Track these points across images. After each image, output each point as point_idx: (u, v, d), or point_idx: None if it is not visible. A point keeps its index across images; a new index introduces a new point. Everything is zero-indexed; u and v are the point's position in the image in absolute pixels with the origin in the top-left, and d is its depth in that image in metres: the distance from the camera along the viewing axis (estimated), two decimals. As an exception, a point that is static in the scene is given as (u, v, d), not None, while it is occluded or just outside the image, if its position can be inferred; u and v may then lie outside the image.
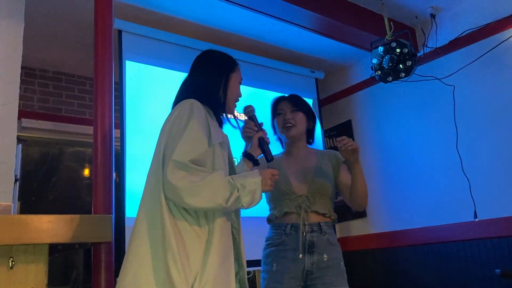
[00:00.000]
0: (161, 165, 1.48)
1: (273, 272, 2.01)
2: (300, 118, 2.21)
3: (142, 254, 1.41)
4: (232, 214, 1.62)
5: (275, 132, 2.28)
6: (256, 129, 1.88)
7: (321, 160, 2.21)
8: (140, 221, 1.47)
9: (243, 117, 1.99)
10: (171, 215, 1.44)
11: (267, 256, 2.05)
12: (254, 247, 2.33)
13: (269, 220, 2.17)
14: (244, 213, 1.73)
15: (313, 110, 2.37)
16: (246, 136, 1.92)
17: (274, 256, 2.04)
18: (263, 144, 1.84)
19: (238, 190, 1.46)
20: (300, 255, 2.00)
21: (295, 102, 2.26)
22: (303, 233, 2.02)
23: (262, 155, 1.86)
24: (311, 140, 2.32)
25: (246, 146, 1.94)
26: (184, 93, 1.70)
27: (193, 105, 1.56)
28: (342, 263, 2.11)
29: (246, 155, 1.84)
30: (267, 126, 2.14)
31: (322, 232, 2.05)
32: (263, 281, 2.05)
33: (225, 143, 1.66)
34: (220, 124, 1.72)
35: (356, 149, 2.00)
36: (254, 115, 1.92)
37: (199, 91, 1.67)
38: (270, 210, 2.18)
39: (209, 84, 1.70)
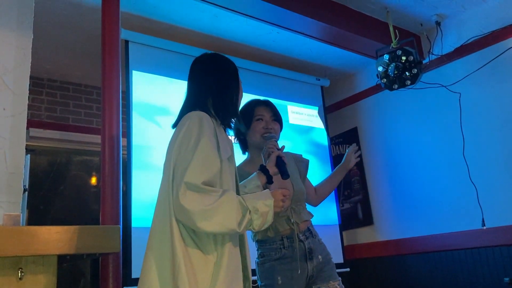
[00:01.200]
0: (171, 185, 1.45)
1: (280, 286, 2.00)
2: (277, 129, 2.20)
3: (151, 277, 1.43)
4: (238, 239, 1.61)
5: (239, 134, 2.22)
6: (278, 147, 1.94)
7: (295, 166, 2.25)
8: (150, 244, 1.47)
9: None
10: (180, 238, 1.42)
11: (268, 271, 2.03)
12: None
13: (260, 240, 2.12)
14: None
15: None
16: (267, 153, 1.96)
17: (277, 270, 2.02)
18: (281, 163, 1.87)
19: (250, 213, 1.44)
20: (306, 262, 2.04)
21: (275, 111, 2.24)
22: (300, 243, 2.06)
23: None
24: None
25: (264, 161, 1.98)
26: (192, 103, 1.64)
27: (202, 120, 1.51)
28: (331, 256, 2.17)
29: (263, 168, 1.83)
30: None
31: (313, 235, 2.12)
32: None
33: (232, 156, 1.64)
34: (226, 128, 1.70)
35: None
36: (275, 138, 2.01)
37: (211, 101, 1.62)
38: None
39: (224, 92, 1.65)
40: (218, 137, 1.53)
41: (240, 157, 2.18)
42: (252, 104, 2.23)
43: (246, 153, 2.25)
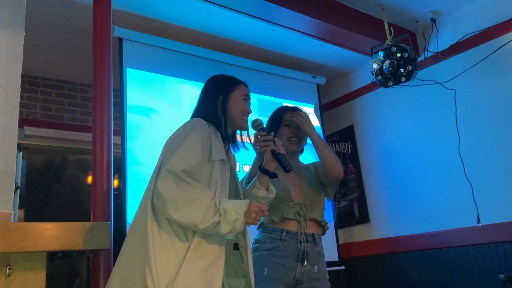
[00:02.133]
0: (155, 174, 1.53)
1: (264, 277, 2.00)
2: (304, 135, 2.25)
3: (124, 261, 1.51)
4: (239, 234, 1.64)
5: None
6: (268, 142, 1.86)
7: (309, 171, 2.28)
8: (130, 227, 1.57)
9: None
10: (155, 223, 1.51)
11: (257, 260, 2.02)
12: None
13: (262, 223, 2.15)
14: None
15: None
16: (261, 152, 1.91)
17: (265, 261, 2.03)
18: (278, 156, 1.81)
19: (220, 215, 1.48)
20: (297, 263, 2.02)
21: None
22: (300, 242, 2.04)
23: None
24: (300, 153, 2.38)
25: (256, 160, 2.02)
26: (193, 114, 1.81)
27: (196, 123, 1.64)
28: (327, 276, 2.15)
29: (261, 169, 1.83)
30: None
31: (315, 243, 2.10)
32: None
33: (228, 161, 1.69)
34: (229, 142, 1.80)
35: (302, 122, 2.17)
36: (264, 128, 1.92)
37: (201, 112, 1.76)
38: None
39: (209, 104, 1.78)
40: (212, 140, 1.63)
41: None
42: (281, 110, 2.32)
43: None
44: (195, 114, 1.77)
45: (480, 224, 3.16)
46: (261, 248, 2.06)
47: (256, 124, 1.93)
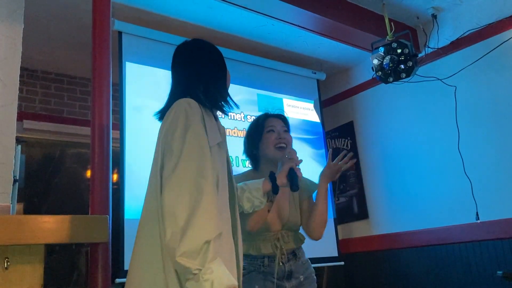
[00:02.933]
0: (159, 180, 1.39)
1: None
2: (289, 141, 2.12)
3: (138, 274, 1.38)
4: (233, 216, 1.57)
5: (251, 148, 2.13)
6: (297, 160, 1.85)
7: (293, 195, 2.14)
8: (140, 233, 1.42)
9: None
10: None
11: (247, 280, 1.98)
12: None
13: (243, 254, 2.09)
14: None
15: None
16: (284, 155, 1.91)
17: (255, 279, 1.99)
18: (293, 175, 1.78)
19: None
20: (284, 282, 2.01)
21: (287, 122, 2.18)
22: (280, 263, 1.99)
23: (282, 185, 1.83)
24: None
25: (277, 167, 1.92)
26: (180, 91, 1.57)
27: (189, 105, 1.45)
28: (314, 274, 2.12)
29: (271, 176, 1.78)
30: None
31: (296, 257, 2.05)
32: None
33: (223, 143, 1.59)
34: (217, 116, 1.64)
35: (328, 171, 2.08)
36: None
37: (199, 87, 1.56)
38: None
39: (214, 78, 1.60)
40: (206, 124, 1.47)
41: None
42: (262, 117, 2.17)
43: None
44: (188, 90, 1.56)
45: (479, 221, 3.17)
46: (250, 271, 2.02)
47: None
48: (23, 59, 2.16)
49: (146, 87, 3.20)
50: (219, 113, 1.66)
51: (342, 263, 3.89)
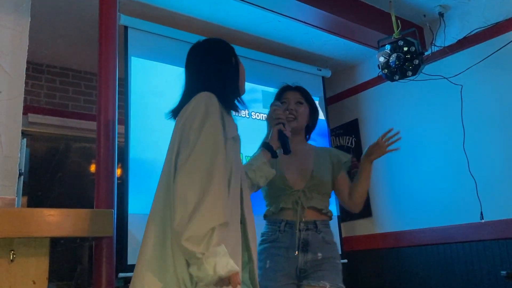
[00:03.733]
0: (173, 168, 1.44)
1: (266, 269, 1.99)
2: (302, 112, 2.14)
3: (149, 261, 1.40)
4: (244, 209, 1.59)
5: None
6: (284, 117, 1.90)
7: (319, 156, 2.17)
8: (151, 223, 1.45)
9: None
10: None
11: (261, 253, 2.02)
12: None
13: (265, 215, 2.13)
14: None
15: (317, 108, 2.30)
16: (272, 120, 1.92)
17: (267, 253, 2.01)
18: (283, 136, 1.85)
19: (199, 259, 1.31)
20: (296, 252, 1.96)
21: (302, 94, 2.20)
22: (298, 230, 1.97)
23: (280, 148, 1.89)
24: (307, 137, 2.26)
25: (268, 134, 1.96)
26: (196, 89, 1.60)
27: (208, 103, 1.50)
28: (338, 261, 2.04)
29: (266, 145, 1.84)
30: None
31: (317, 230, 2.01)
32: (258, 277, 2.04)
33: (238, 137, 1.65)
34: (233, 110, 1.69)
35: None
36: (279, 103, 1.96)
37: (217, 85, 1.61)
38: (266, 206, 2.16)
39: (228, 73, 1.67)
40: (224, 117, 1.54)
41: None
42: (280, 90, 2.25)
43: None
44: (206, 85, 1.60)
45: (483, 220, 3.16)
46: (265, 241, 2.05)
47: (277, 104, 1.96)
48: (29, 52, 2.16)
49: (151, 82, 3.20)
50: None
51: (345, 260, 3.89)
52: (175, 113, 1.65)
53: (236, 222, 1.52)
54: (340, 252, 3.83)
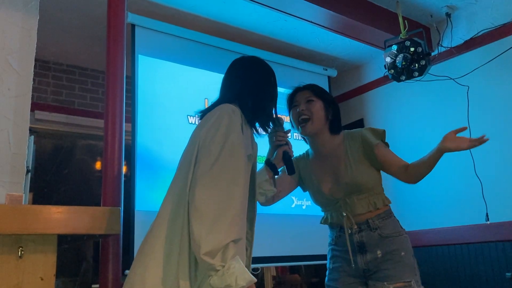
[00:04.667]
0: (191, 171, 1.44)
1: (330, 270, 2.01)
2: (316, 109, 1.98)
3: (155, 256, 1.41)
4: (247, 226, 1.61)
5: (295, 128, 2.08)
6: (286, 140, 1.86)
7: (351, 148, 2.01)
8: (160, 222, 1.45)
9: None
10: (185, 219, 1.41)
11: (328, 254, 2.05)
12: (261, 243, 2.31)
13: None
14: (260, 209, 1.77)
15: (332, 97, 2.18)
16: (276, 145, 1.88)
17: (332, 254, 2.04)
18: (287, 158, 1.84)
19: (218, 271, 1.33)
20: (351, 258, 1.91)
21: (312, 90, 2.05)
22: (351, 235, 1.91)
23: (283, 167, 1.87)
24: (335, 130, 2.06)
25: (271, 154, 1.92)
26: (228, 97, 1.64)
27: (231, 116, 1.50)
28: (403, 253, 1.88)
29: (269, 164, 1.84)
30: (287, 123, 2.05)
31: (371, 229, 1.90)
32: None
33: (253, 155, 1.63)
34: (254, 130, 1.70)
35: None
36: (282, 126, 1.89)
37: (249, 98, 1.63)
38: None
39: (264, 94, 1.68)
40: (243, 133, 1.53)
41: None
42: (291, 94, 2.10)
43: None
44: (238, 97, 1.63)
45: (488, 222, 3.15)
46: (330, 243, 2.07)
47: (282, 121, 1.90)
48: (36, 50, 2.17)
49: (158, 81, 3.21)
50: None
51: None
52: (204, 113, 1.65)
53: (244, 237, 1.55)
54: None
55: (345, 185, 1.95)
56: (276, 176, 1.91)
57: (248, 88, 1.66)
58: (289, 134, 1.95)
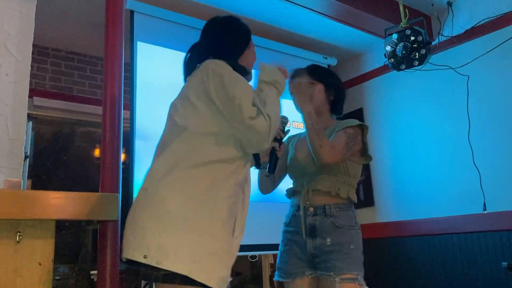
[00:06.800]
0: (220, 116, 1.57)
1: (282, 252, 2.02)
2: (317, 91, 2.00)
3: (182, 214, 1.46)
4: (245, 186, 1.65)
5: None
6: (281, 136, 1.84)
7: (334, 132, 1.99)
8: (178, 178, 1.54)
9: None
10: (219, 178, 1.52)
11: (281, 235, 2.05)
12: (259, 231, 2.32)
13: (286, 195, 2.13)
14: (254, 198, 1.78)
15: (336, 78, 2.15)
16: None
17: (283, 237, 2.04)
18: (273, 155, 1.81)
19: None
20: (304, 237, 1.92)
21: (312, 72, 2.06)
22: (305, 217, 1.92)
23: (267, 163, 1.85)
24: (335, 113, 2.08)
25: None
26: (206, 54, 1.74)
27: (228, 67, 1.62)
28: (353, 246, 1.87)
29: (254, 155, 1.80)
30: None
31: (326, 215, 1.89)
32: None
33: None
34: None
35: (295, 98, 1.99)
36: (283, 129, 1.87)
37: (225, 54, 1.72)
38: None
39: (237, 48, 1.79)
40: None
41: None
42: (291, 75, 2.12)
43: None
44: (216, 54, 1.72)
45: (486, 212, 3.16)
46: (284, 224, 2.07)
47: (283, 120, 1.87)
48: (34, 35, 2.15)
49: (157, 67, 3.19)
50: None
51: (347, 249, 3.90)
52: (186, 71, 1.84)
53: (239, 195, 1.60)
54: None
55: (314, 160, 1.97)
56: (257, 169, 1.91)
57: (223, 44, 1.78)
58: (288, 125, 1.91)
